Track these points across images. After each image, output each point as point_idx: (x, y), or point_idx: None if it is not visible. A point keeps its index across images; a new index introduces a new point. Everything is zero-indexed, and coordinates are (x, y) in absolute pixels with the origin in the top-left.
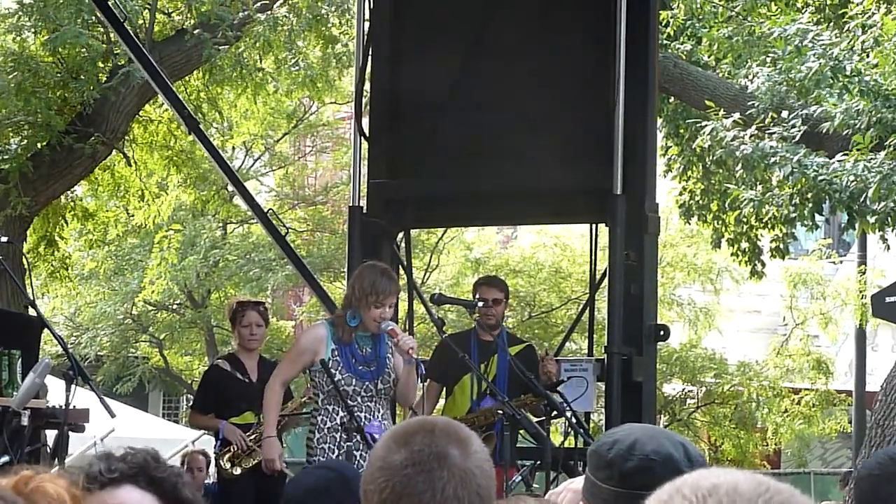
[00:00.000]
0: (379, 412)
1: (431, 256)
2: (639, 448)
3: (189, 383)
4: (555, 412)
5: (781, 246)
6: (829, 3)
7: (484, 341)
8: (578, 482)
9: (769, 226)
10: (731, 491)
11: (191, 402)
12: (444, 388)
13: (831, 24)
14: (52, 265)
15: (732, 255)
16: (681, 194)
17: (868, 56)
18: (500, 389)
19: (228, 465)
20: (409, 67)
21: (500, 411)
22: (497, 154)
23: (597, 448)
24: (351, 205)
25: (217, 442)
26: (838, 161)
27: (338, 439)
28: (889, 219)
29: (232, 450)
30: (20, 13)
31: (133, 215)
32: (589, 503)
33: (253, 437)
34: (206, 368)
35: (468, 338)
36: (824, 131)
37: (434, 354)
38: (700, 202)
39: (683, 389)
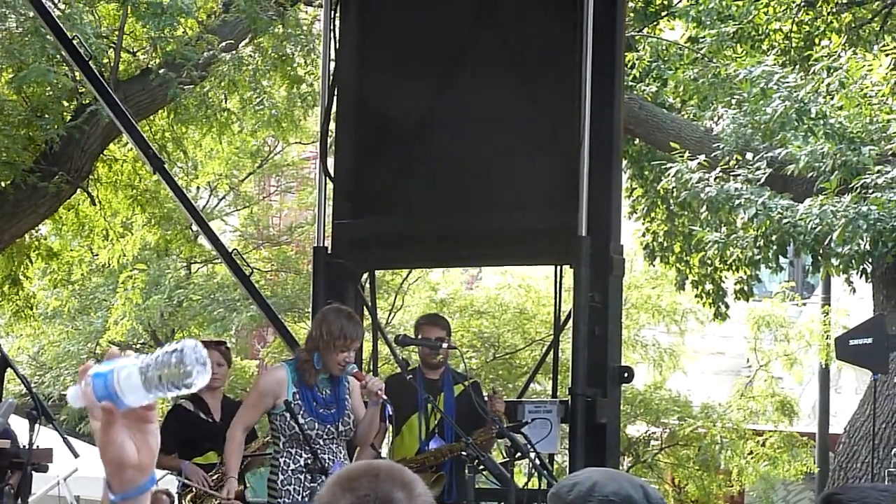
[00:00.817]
0: (340, 454)
1: (396, 297)
2: (598, 490)
3: None
4: (518, 453)
5: (746, 288)
6: (794, 45)
7: (430, 380)
8: None
9: (733, 268)
10: None
11: None
12: (392, 428)
13: (797, 66)
14: (16, 304)
15: (696, 296)
16: (643, 235)
17: (833, 99)
18: (447, 429)
19: None
20: (375, 107)
21: (463, 452)
22: (463, 195)
23: (557, 490)
24: (315, 245)
25: (179, 482)
26: (803, 204)
27: (302, 481)
28: (853, 262)
29: (194, 490)
30: None
31: (97, 255)
32: None
33: (215, 477)
34: (169, 408)
35: (414, 377)
36: (789, 173)
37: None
38: (663, 244)
39: (647, 431)
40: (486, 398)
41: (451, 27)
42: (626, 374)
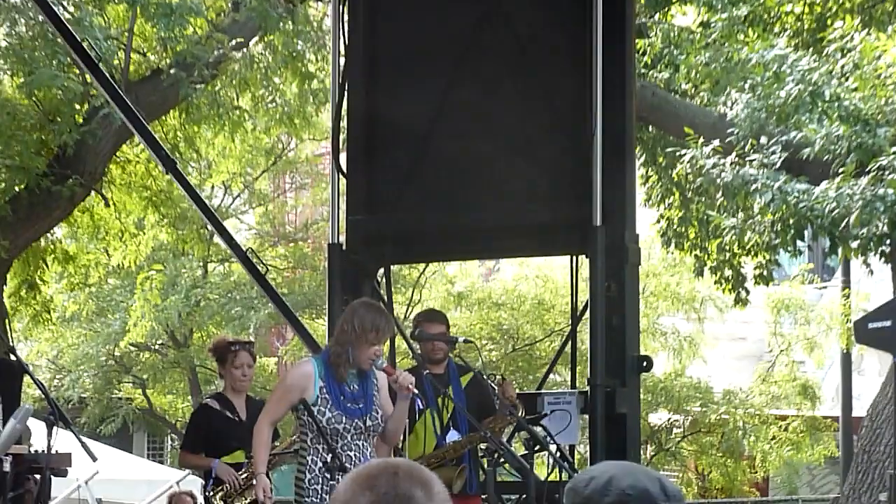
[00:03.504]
0: (367, 449)
1: (414, 291)
2: (615, 484)
3: (173, 423)
4: (538, 446)
5: (765, 273)
6: (807, 27)
7: (435, 375)
8: None
9: (752, 253)
10: None
11: (180, 443)
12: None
13: (810, 49)
14: (34, 309)
15: (716, 282)
16: (657, 222)
17: (847, 81)
18: (461, 421)
19: None
20: (386, 102)
21: (482, 444)
22: (476, 187)
23: (573, 485)
24: (330, 242)
25: (210, 481)
26: (819, 188)
27: (329, 479)
28: (871, 244)
29: (224, 489)
30: None
31: (112, 256)
32: None
33: (244, 476)
34: (195, 408)
35: (418, 373)
36: (805, 157)
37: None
38: (679, 230)
39: (669, 419)
40: (496, 386)
41: (460, 23)
42: (644, 364)
